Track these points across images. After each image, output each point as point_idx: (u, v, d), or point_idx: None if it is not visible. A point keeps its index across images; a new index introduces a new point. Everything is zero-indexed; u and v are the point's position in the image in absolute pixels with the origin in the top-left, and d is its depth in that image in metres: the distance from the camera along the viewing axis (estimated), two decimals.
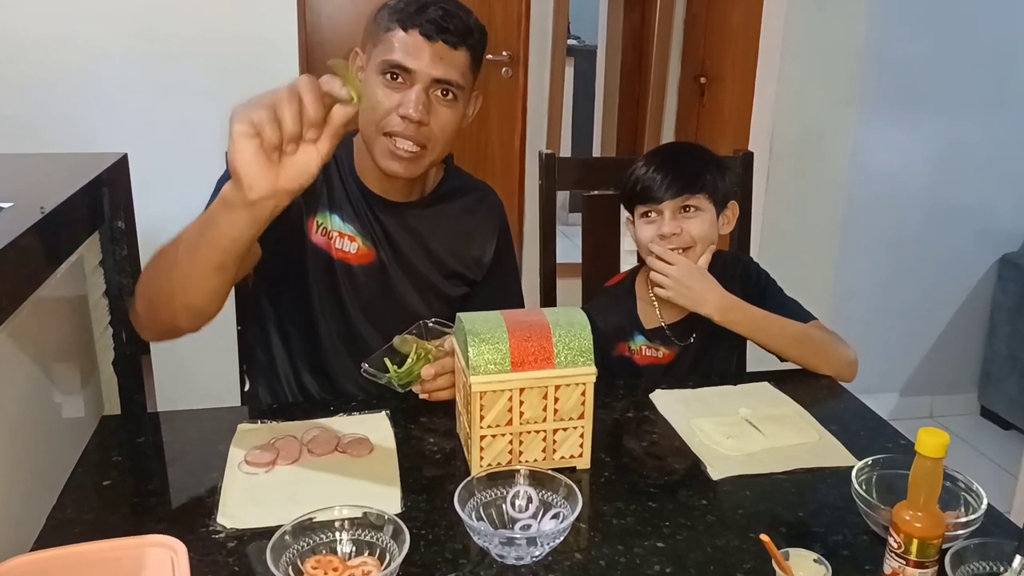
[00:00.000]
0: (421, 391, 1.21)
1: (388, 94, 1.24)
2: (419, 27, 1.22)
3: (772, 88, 2.72)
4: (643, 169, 1.42)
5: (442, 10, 1.23)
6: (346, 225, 1.34)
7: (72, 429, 1.13)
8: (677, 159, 1.44)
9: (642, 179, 1.42)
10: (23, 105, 2.20)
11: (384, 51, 1.24)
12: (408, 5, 1.24)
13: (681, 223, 1.40)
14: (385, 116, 1.25)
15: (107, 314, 1.24)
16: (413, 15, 1.22)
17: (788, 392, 1.30)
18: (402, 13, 1.23)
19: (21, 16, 2.16)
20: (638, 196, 1.43)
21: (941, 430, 0.82)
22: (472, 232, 1.44)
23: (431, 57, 1.22)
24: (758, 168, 1.83)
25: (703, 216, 1.41)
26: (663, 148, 1.53)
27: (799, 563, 0.87)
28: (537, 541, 0.88)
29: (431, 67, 1.23)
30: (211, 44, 2.28)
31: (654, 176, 1.40)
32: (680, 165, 1.41)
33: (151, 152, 1.90)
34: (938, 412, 3.08)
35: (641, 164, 1.44)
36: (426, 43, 1.22)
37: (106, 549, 0.84)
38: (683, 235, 1.40)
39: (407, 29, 1.22)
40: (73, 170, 1.14)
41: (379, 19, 1.27)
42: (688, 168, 1.41)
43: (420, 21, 1.22)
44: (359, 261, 1.34)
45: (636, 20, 4.01)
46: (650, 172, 1.41)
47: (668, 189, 1.39)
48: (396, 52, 1.23)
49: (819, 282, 2.81)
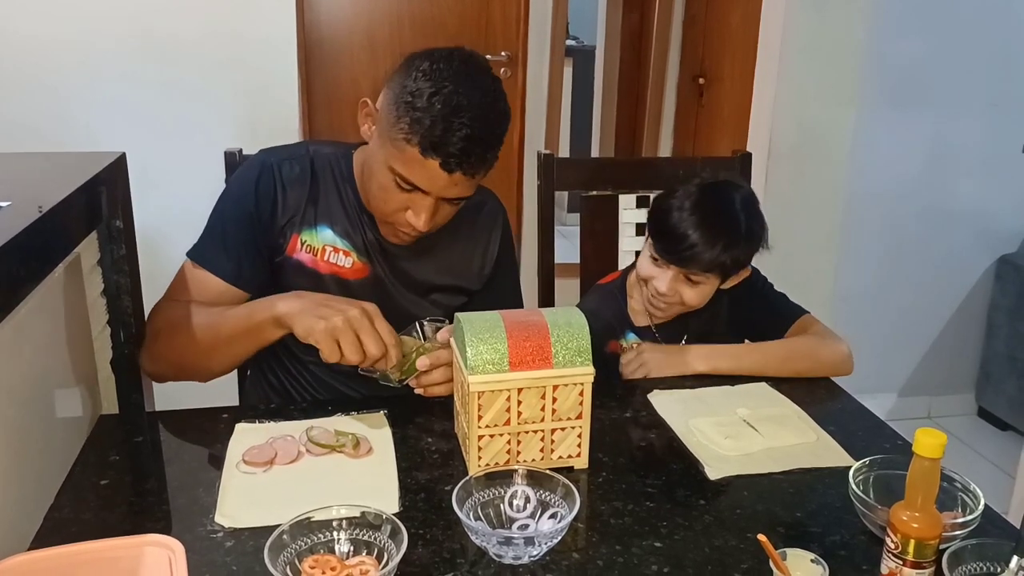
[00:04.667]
0: (416, 386, 1.20)
1: (396, 191, 1.20)
2: (440, 160, 1.13)
3: (771, 89, 2.73)
4: (677, 217, 1.34)
5: (465, 139, 1.12)
6: (340, 240, 1.32)
7: (70, 428, 1.13)
8: (715, 231, 1.33)
9: (671, 230, 1.34)
10: (22, 105, 2.20)
11: (398, 160, 1.16)
12: (432, 125, 1.12)
13: (679, 288, 1.37)
14: (393, 214, 1.23)
15: (105, 313, 1.24)
16: (436, 144, 1.12)
17: (786, 392, 1.30)
18: (425, 135, 1.12)
19: (20, 16, 2.16)
20: (657, 238, 1.37)
21: (938, 430, 0.82)
22: (473, 243, 1.41)
23: (446, 184, 1.17)
24: (756, 169, 1.83)
25: (703, 287, 1.38)
26: (708, 205, 1.35)
27: (796, 563, 0.87)
28: (535, 541, 0.88)
29: (445, 191, 1.18)
30: (210, 44, 2.28)
31: (683, 239, 1.33)
32: (712, 242, 1.32)
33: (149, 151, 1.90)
34: (936, 412, 3.08)
35: (682, 210, 1.34)
36: (444, 174, 1.15)
37: (104, 548, 0.84)
38: (674, 297, 1.38)
39: (426, 156, 1.13)
40: (71, 169, 1.13)
41: (400, 109, 1.14)
42: (716, 246, 1.32)
43: (442, 153, 1.13)
44: (354, 276, 1.33)
45: (635, 20, 4.01)
46: (682, 229, 1.33)
47: (686, 262, 1.34)
48: (412, 173, 1.16)
49: (817, 282, 2.81)
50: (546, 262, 1.72)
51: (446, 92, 1.13)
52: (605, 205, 1.71)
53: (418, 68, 1.16)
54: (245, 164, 1.36)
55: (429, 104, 1.12)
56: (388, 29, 2.79)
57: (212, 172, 1.50)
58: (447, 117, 1.12)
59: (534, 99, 3.09)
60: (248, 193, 1.30)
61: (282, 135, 2.32)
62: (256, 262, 1.31)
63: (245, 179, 1.33)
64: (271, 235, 1.31)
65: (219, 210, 1.34)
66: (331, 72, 2.77)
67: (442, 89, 1.13)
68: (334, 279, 1.33)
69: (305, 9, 2.65)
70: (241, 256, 1.30)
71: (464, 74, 1.16)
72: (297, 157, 1.34)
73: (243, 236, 1.30)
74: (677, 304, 1.40)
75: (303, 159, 1.34)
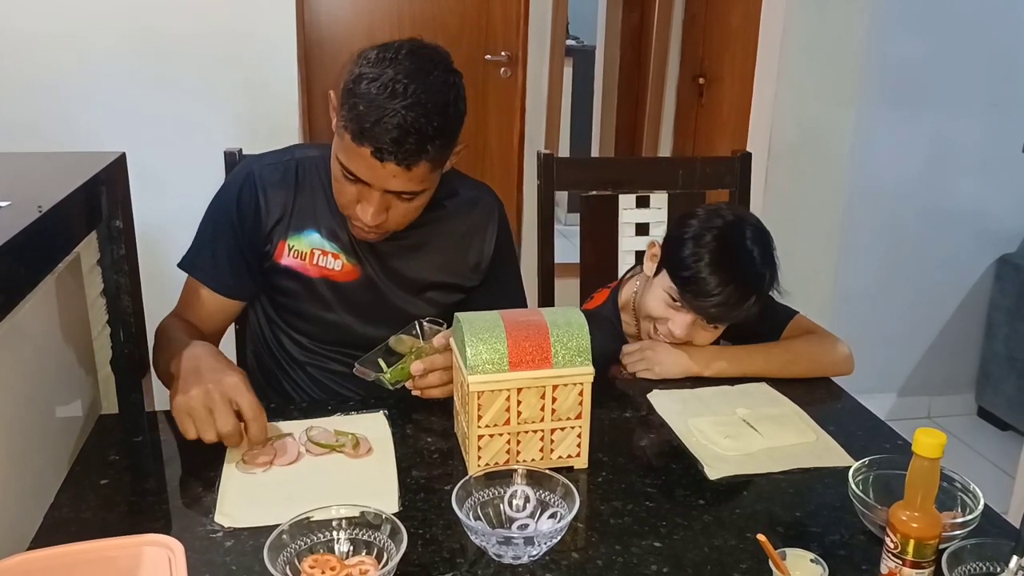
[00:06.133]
0: (413, 387, 1.20)
1: (346, 183, 1.18)
2: (370, 148, 1.10)
3: (771, 88, 2.72)
4: (706, 272, 1.28)
5: (398, 129, 1.09)
6: (328, 242, 1.31)
7: (70, 428, 1.13)
8: (742, 294, 1.29)
9: (698, 286, 1.29)
10: (21, 104, 2.20)
11: (339, 148, 1.16)
12: (365, 112, 1.09)
13: (695, 332, 1.36)
14: (348, 207, 1.22)
15: (105, 313, 1.24)
16: (366, 130, 1.09)
17: (786, 392, 1.30)
18: (356, 122, 1.10)
19: (20, 15, 2.16)
20: (683, 289, 1.32)
21: (938, 430, 0.82)
22: (468, 239, 1.39)
23: (383, 175, 1.13)
24: (756, 168, 1.83)
25: (718, 332, 1.37)
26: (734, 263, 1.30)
27: (796, 563, 0.87)
28: (534, 541, 0.88)
29: (385, 183, 1.15)
30: (210, 43, 2.28)
31: (710, 298, 1.28)
32: (738, 304, 1.29)
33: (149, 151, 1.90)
34: (936, 412, 3.08)
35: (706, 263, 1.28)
36: (377, 164, 1.12)
37: (103, 548, 0.83)
38: (685, 338, 1.36)
39: (358, 143, 1.11)
40: (71, 169, 1.14)
41: (345, 97, 1.14)
42: (741, 307, 1.29)
43: (370, 140, 1.10)
44: (345, 278, 1.32)
45: (635, 20, 4.01)
46: (709, 287, 1.28)
47: (711, 319, 1.33)
48: (351, 162, 1.14)
49: (817, 282, 2.81)
50: (546, 262, 1.72)
51: (384, 79, 1.10)
52: (605, 205, 1.71)
53: (365, 57, 1.15)
54: (232, 172, 1.37)
55: (366, 90, 1.10)
56: (388, 29, 2.79)
57: (212, 172, 1.50)
58: (381, 104, 1.09)
59: (534, 99, 3.10)
60: (230, 203, 1.31)
61: (282, 135, 2.32)
62: (243, 271, 1.32)
63: (228, 188, 1.34)
64: (257, 242, 1.31)
65: (206, 220, 1.35)
66: (331, 72, 2.77)
67: (381, 76, 1.10)
68: (325, 282, 1.32)
69: (305, 9, 2.65)
70: (228, 266, 1.31)
71: (410, 63, 1.12)
72: (281, 162, 1.33)
73: (228, 245, 1.31)
74: (685, 341, 1.37)
75: (287, 164, 1.33)
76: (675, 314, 1.35)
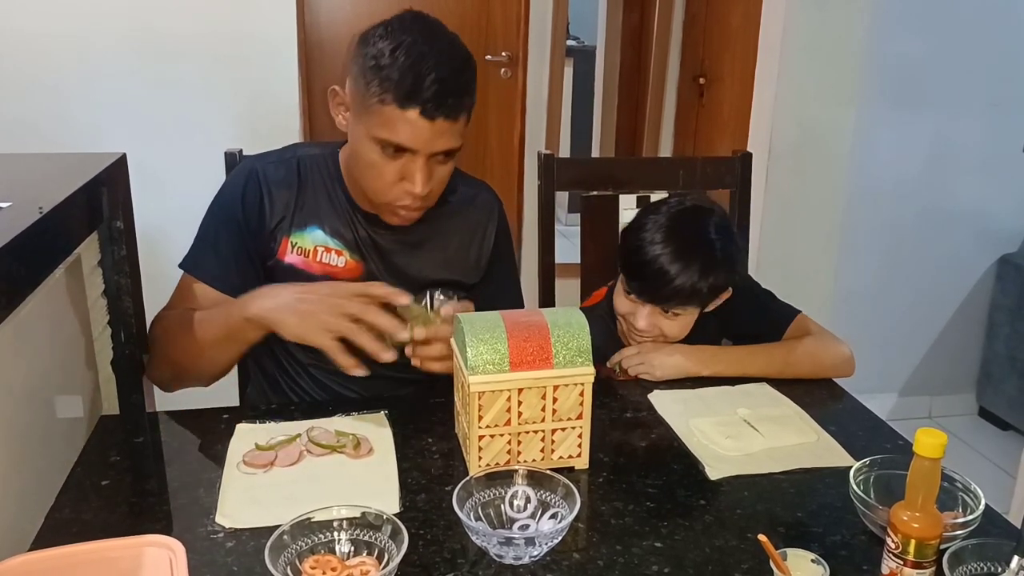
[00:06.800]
0: (413, 356, 1.17)
1: (386, 162, 1.19)
2: (419, 107, 1.13)
3: (771, 88, 2.73)
4: (650, 251, 1.29)
5: (438, 81, 1.12)
6: (331, 239, 1.32)
7: (70, 429, 1.13)
8: (687, 264, 1.28)
9: (643, 266, 1.30)
10: (21, 104, 2.20)
11: (379, 126, 1.16)
12: (401, 76, 1.12)
13: (657, 321, 1.35)
14: (390, 189, 1.21)
15: (105, 314, 1.24)
16: (410, 92, 1.12)
17: (786, 392, 1.30)
18: (397, 88, 1.12)
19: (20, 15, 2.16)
20: (630, 274, 1.34)
21: (939, 430, 0.82)
22: (467, 236, 1.40)
23: (432, 135, 1.15)
24: (757, 168, 1.83)
25: (683, 319, 1.35)
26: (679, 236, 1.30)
27: (797, 563, 0.87)
28: (535, 541, 0.88)
29: (432, 145, 1.17)
30: (211, 43, 2.28)
31: (656, 275, 1.29)
32: (684, 276, 1.28)
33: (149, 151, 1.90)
34: (937, 412, 3.08)
35: (652, 244, 1.29)
36: (426, 123, 1.14)
37: (104, 549, 0.84)
38: (654, 331, 1.36)
39: (405, 108, 1.13)
40: (71, 170, 1.14)
41: (367, 76, 1.15)
42: (689, 280, 1.28)
43: (418, 100, 1.12)
44: (348, 275, 1.32)
45: (635, 20, 4.01)
46: (654, 264, 1.28)
47: (662, 300, 1.32)
48: (395, 133, 1.15)
49: (818, 282, 2.82)
50: (546, 262, 1.72)
51: (406, 43, 1.14)
52: (605, 205, 1.71)
53: (374, 35, 1.18)
54: (233, 171, 1.37)
55: (393, 59, 1.14)
56: None
57: (212, 172, 1.50)
58: (414, 66, 1.13)
59: (534, 99, 3.10)
60: (235, 200, 1.31)
61: (282, 135, 2.31)
62: (247, 269, 1.31)
63: (232, 186, 1.34)
64: (260, 240, 1.31)
65: (208, 219, 1.35)
66: (331, 72, 2.77)
67: (402, 43, 1.15)
68: (328, 280, 1.31)
69: (305, 9, 2.65)
70: (231, 263, 1.30)
71: (419, 27, 1.18)
72: (283, 160, 1.34)
73: (232, 243, 1.31)
74: (659, 338, 1.37)
75: (289, 162, 1.34)
76: (636, 307, 1.36)
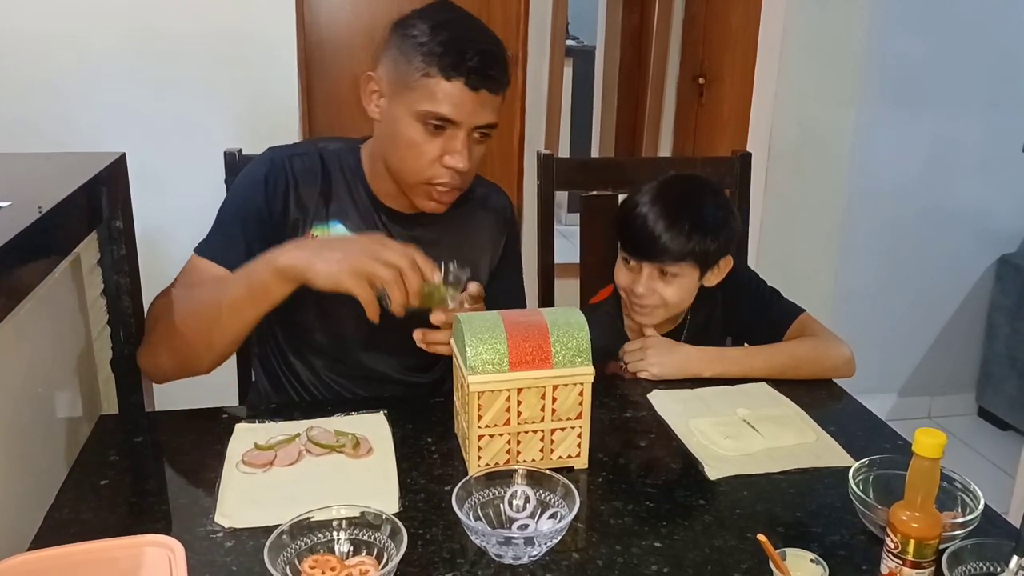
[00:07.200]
0: (419, 339, 1.15)
1: (427, 140, 1.20)
2: (463, 77, 1.16)
3: (771, 88, 2.73)
4: (641, 211, 1.34)
5: (480, 53, 1.16)
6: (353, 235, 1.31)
7: (70, 429, 1.13)
8: (677, 217, 1.32)
9: (636, 225, 1.34)
10: (21, 104, 2.19)
11: (423, 99, 1.18)
12: (445, 49, 1.16)
13: (655, 285, 1.36)
14: (430, 167, 1.22)
15: (105, 314, 1.24)
16: (455, 63, 1.15)
17: (786, 392, 1.30)
18: (441, 60, 1.16)
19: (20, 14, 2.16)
20: (625, 240, 1.38)
21: (938, 430, 0.82)
22: (479, 238, 1.41)
23: (475, 106, 1.18)
24: (756, 168, 1.83)
25: (681, 282, 1.36)
26: (668, 193, 1.37)
27: (796, 563, 0.87)
28: (534, 541, 0.88)
29: (475, 117, 1.19)
30: (211, 43, 2.27)
31: (649, 230, 1.33)
32: (677, 226, 1.32)
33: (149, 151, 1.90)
34: (936, 412, 3.08)
35: (642, 202, 1.35)
36: (470, 94, 1.17)
37: (103, 549, 0.84)
38: (654, 296, 1.37)
39: (449, 79, 1.16)
40: (71, 169, 1.14)
41: (408, 54, 1.19)
42: (682, 231, 1.32)
43: (463, 70, 1.15)
44: None
45: (635, 20, 4.01)
46: (646, 222, 1.33)
47: (656, 254, 1.33)
48: (439, 104, 1.17)
49: (818, 282, 2.82)
50: (546, 262, 1.72)
51: (445, 21, 1.20)
52: (605, 205, 1.71)
53: (410, 20, 1.22)
54: (253, 161, 1.34)
55: (434, 35, 1.17)
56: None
57: (212, 172, 1.50)
58: (457, 39, 1.17)
59: (534, 99, 3.09)
60: (257, 188, 1.29)
61: (282, 135, 2.31)
62: None
63: (254, 175, 1.31)
64: (282, 230, 1.29)
65: (227, 206, 1.32)
66: (331, 72, 2.77)
67: (442, 20, 1.19)
68: None
69: (305, 9, 2.65)
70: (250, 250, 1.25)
71: (454, 10, 1.24)
72: (307, 153, 1.33)
73: (252, 231, 1.27)
74: (660, 307, 1.38)
75: (312, 155, 1.33)
76: (634, 275, 1.38)
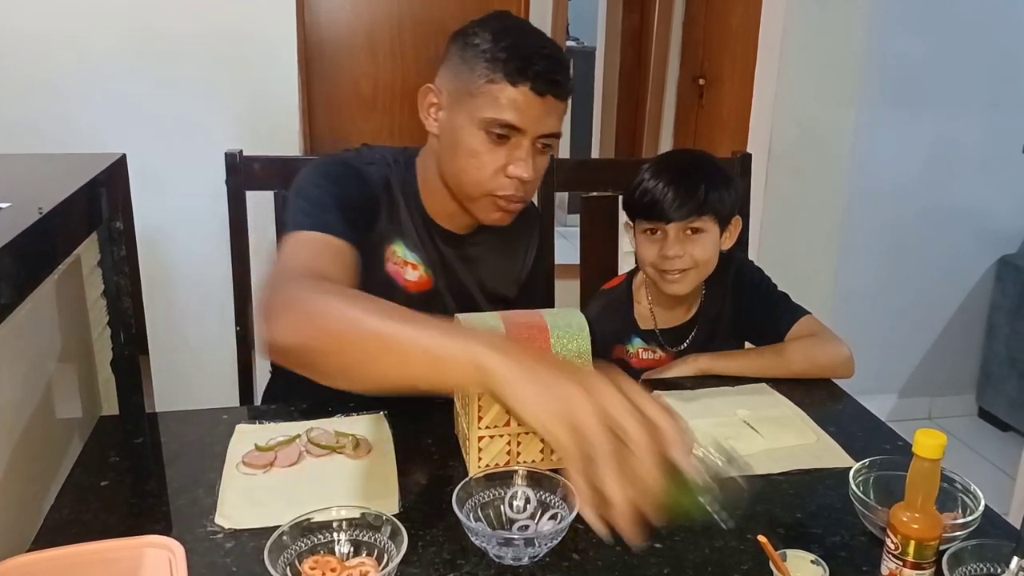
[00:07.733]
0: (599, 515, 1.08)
1: (490, 149, 1.17)
2: (529, 83, 1.14)
3: (771, 89, 2.72)
4: (651, 182, 1.36)
5: (545, 58, 1.15)
6: (410, 253, 1.29)
7: (70, 429, 1.13)
8: (687, 175, 1.37)
9: (650, 192, 1.36)
10: (21, 104, 2.20)
11: (487, 107, 1.15)
12: (509, 55, 1.14)
13: (685, 245, 1.37)
14: (493, 178, 1.19)
15: (105, 314, 1.24)
16: (521, 68, 1.14)
17: (786, 393, 1.30)
18: (507, 66, 1.14)
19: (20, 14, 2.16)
20: (643, 210, 1.39)
21: (939, 431, 0.82)
22: (515, 252, 1.41)
23: (540, 113, 1.16)
24: (756, 169, 1.83)
25: (707, 238, 1.38)
26: (672, 160, 1.44)
27: (796, 564, 0.87)
28: (535, 542, 0.88)
29: (540, 124, 1.17)
30: (210, 44, 2.28)
31: (664, 192, 1.35)
32: (690, 182, 1.35)
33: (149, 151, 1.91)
34: (936, 413, 3.08)
35: (649, 175, 1.38)
36: (537, 100, 1.15)
37: (104, 550, 0.84)
38: (685, 258, 1.37)
39: (516, 85, 1.14)
40: (71, 170, 1.14)
41: (470, 62, 1.17)
42: (698, 186, 1.35)
43: (529, 76, 1.14)
44: (417, 288, 1.29)
45: (635, 21, 4.01)
46: (659, 187, 1.35)
47: (678, 209, 1.34)
48: (504, 110, 1.15)
49: (817, 283, 2.81)
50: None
51: (507, 28, 1.18)
52: (605, 206, 1.71)
53: (470, 31, 1.20)
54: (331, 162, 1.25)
55: (497, 41, 1.16)
56: (388, 29, 2.79)
57: (212, 172, 1.50)
58: (520, 46, 1.16)
59: None
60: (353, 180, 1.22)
61: (282, 135, 2.32)
62: None
63: (349, 163, 1.25)
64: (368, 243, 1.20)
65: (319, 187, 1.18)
66: (331, 72, 2.77)
67: (503, 30, 1.18)
68: (403, 291, 1.27)
69: (305, 9, 2.65)
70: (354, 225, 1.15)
71: (512, 19, 1.24)
72: (375, 163, 1.28)
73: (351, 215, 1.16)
74: (691, 269, 1.38)
75: (381, 168, 1.28)
76: (659, 244, 1.38)
